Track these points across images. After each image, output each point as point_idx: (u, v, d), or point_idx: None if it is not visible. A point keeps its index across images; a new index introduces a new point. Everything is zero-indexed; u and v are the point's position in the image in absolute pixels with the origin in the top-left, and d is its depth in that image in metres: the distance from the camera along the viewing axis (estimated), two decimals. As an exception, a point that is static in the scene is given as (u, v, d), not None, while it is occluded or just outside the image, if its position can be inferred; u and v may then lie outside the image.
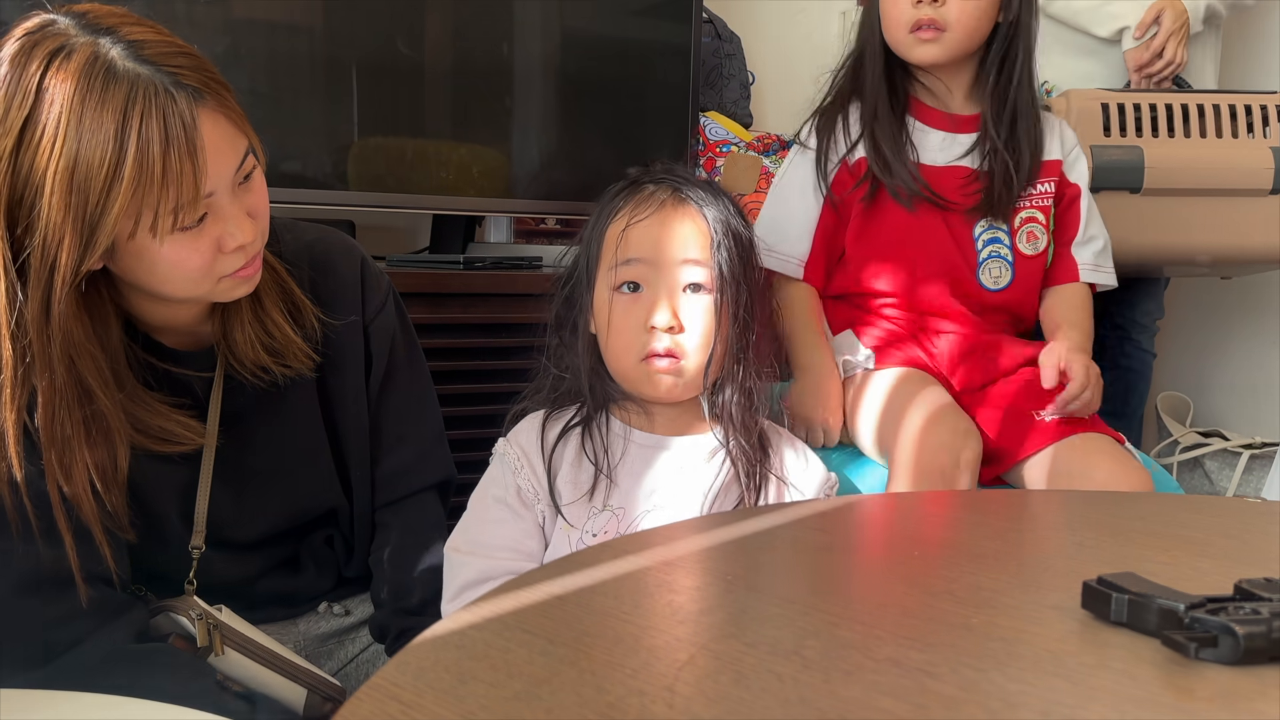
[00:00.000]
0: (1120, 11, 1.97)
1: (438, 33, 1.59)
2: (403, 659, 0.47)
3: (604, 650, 0.49)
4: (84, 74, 0.78)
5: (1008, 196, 1.31)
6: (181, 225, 0.82)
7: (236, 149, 0.85)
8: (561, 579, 0.58)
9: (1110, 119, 1.75)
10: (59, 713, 0.75)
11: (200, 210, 0.83)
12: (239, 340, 0.95)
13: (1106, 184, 1.71)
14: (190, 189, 0.80)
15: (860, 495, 1.21)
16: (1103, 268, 1.39)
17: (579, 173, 1.71)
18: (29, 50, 0.79)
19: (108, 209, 0.78)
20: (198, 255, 0.84)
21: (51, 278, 0.80)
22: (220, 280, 0.88)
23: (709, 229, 0.97)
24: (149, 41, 0.81)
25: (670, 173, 1.02)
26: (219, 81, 0.84)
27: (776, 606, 0.55)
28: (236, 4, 1.47)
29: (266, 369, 0.96)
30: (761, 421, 1.02)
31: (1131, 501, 0.85)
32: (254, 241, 0.88)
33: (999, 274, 1.33)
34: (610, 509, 0.97)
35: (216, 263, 0.86)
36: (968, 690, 0.45)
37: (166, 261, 0.84)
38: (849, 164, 1.32)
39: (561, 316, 1.05)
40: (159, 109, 0.79)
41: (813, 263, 1.35)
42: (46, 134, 0.77)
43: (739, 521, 0.73)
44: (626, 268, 0.97)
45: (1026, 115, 1.31)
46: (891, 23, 1.29)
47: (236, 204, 0.86)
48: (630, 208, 0.98)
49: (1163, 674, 0.47)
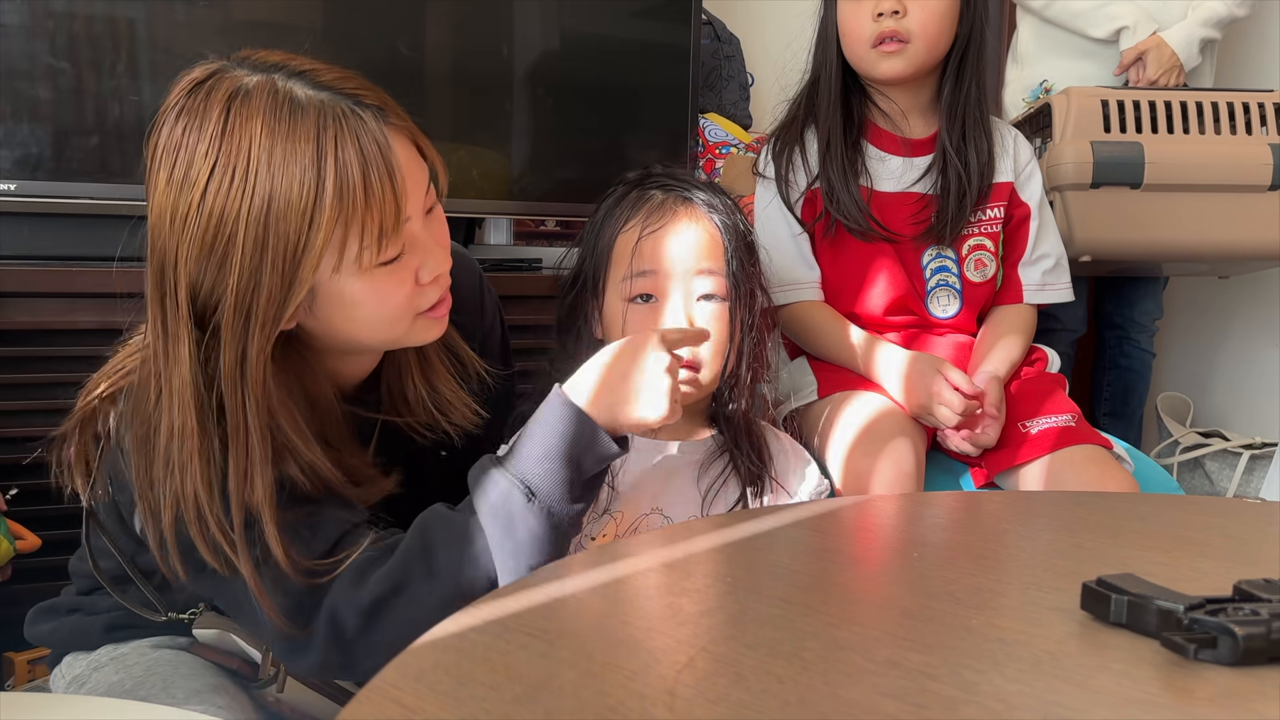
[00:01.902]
0: (1119, 13, 1.98)
1: (437, 34, 1.59)
2: (402, 661, 0.47)
3: (604, 652, 0.49)
4: (268, 108, 0.73)
5: (959, 217, 1.29)
6: (385, 257, 0.77)
7: (424, 170, 0.81)
8: (561, 581, 0.58)
9: (1110, 116, 1.75)
10: (60, 713, 0.75)
11: (402, 239, 0.77)
12: (410, 399, 0.91)
13: (1107, 179, 1.72)
14: (392, 212, 0.75)
15: (859, 497, 1.21)
16: (1051, 285, 1.37)
17: (579, 174, 1.71)
18: (205, 98, 0.74)
19: (311, 243, 0.73)
20: (401, 289, 0.79)
21: (248, 327, 0.74)
22: (416, 319, 0.82)
23: (721, 238, 0.97)
24: (319, 70, 0.77)
25: (675, 178, 1.01)
26: (392, 102, 0.80)
27: (776, 608, 0.55)
28: (236, 6, 1.47)
29: (432, 427, 0.92)
30: (761, 424, 1.02)
31: (1131, 502, 0.85)
32: (446, 274, 0.83)
33: (947, 303, 1.33)
34: (610, 513, 0.97)
35: (414, 298, 0.81)
36: (967, 691, 0.45)
37: (369, 300, 0.78)
38: (810, 193, 1.31)
39: (564, 323, 1.04)
40: (351, 130, 0.74)
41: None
42: (237, 176, 0.72)
43: (738, 523, 0.73)
44: (641, 279, 0.96)
45: (977, 125, 1.30)
46: (852, 39, 1.26)
47: (428, 232, 0.81)
48: (642, 218, 0.97)
49: (1162, 675, 0.47)
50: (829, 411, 1.22)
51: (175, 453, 0.76)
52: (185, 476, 0.75)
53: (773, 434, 1.06)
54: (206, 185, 0.73)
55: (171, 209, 0.74)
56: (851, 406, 1.20)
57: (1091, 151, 1.72)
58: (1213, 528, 0.74)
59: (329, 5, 1.52)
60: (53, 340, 1.29)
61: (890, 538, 0.75)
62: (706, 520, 0.90)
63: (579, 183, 1.69)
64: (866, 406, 1.19)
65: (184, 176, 0.73)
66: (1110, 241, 1.78)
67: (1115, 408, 2.34)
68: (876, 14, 1.23)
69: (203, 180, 0.73)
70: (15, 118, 1.34)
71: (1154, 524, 0.74)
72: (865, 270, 1.31)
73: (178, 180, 0.74)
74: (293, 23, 1.51)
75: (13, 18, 1.33)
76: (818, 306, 1.31)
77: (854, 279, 1.31)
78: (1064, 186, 1.75)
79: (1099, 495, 1.02)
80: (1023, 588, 0.59)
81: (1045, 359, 1.35)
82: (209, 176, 0.73)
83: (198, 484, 0.75)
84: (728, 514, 0.96)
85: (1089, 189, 1.73)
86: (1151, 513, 0.78)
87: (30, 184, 1.35)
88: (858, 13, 1.25)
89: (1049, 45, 2.10)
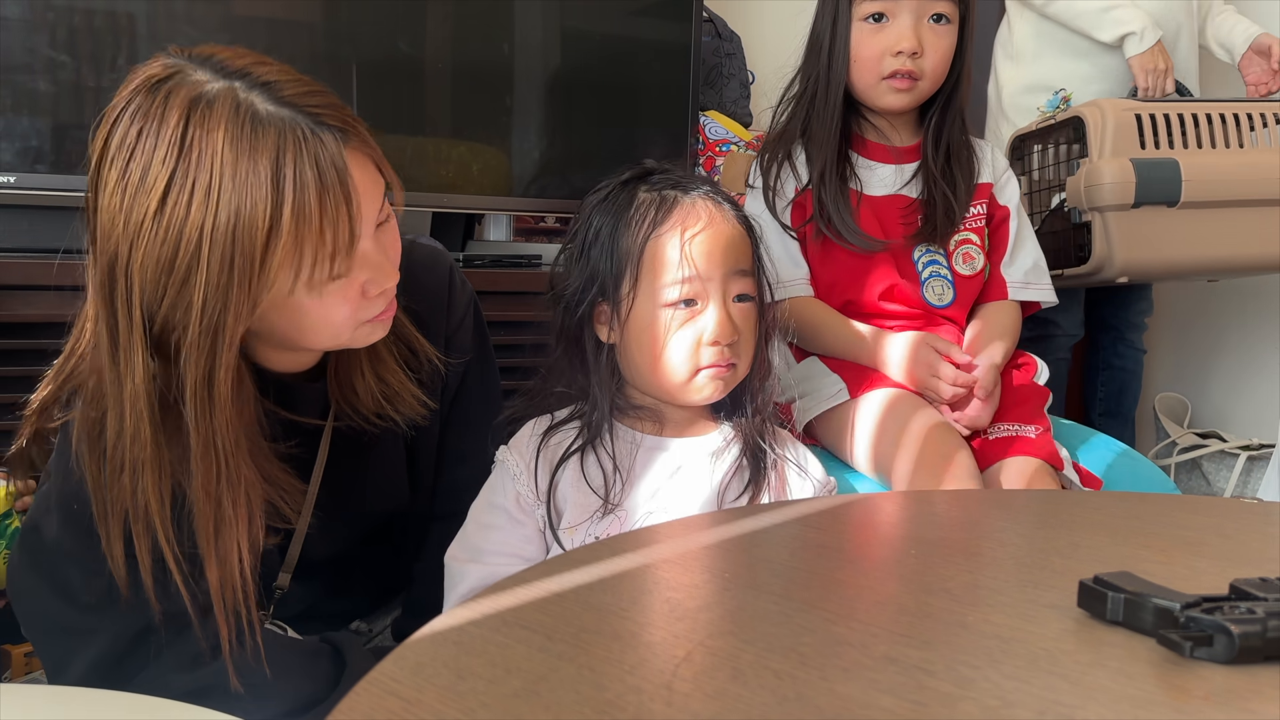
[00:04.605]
0: (1125, 18, 1.96)
1: (437, 30, 1.59)
2: (401, 654, 0.47)
3: (602, 647, 0.49)
4: (230, 123, 0.72)
5: (949, 225, 1.32)
6: (335, 275, 0.77)
7: (379, 188, 0.81)
8: (560, 576, 0.58)
9: (1144, 131, 1.71)
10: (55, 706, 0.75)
11: (354, 257, 0.78)
12: (359, 391, 0.91)
13: (1148, 198, 1.67)
14: (345, 234, 0.76)
15: (858, 494, 1.21)
16: (1034, 284, 1.39)
17: (578, 171, 1.71)
18: (164, 100, 0.73)
19: (268, 263, 0.73)
20: (347, 305, 0.80)
21: (215, 345, 0.74)
22: (360, 327, 0.83)
23: (749, 237, 0.98)
24: (283, 82, 0.76)
25: (684, 175, 1.00)
26: (355, 120, 0.79)
27: (774, 604, 0.55)
28: (237, 2, 1.47)
29: (382, 415, 0.93)
30: (770, 420, 1.03)
31: (1127, 502, 0.85)
32: (393, 287, 0.84)
33: (942, 291, 1.34)
34: (614, 513, 0.97)
35: (360, 310, 0.82)
36: (964, 688, 0.45)
37: (315, 311, 0.79)
38: (800, 197, 1.33)
39: (563, 328, 1.02)
40: (310, 153, 0.74)
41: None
42: (199, 191, 0.72)
43: (737, 519, 0.73)
44: (686, 285, 0.94)
45: (960, 146, 1.34)
46: (864, 68, 1.29)
47: (378, 247, 0.81)
48: (676, 221, 0.95)
49: (1158, 673, 0.47)
50: (870, 418, 1.23)
51: (125, 457, 0.76)
52: (136, 484, 0.76)
53: (776, 429, 1.06)
54: (165, 195, 0.72)
55: (125, 211, 0.73)
56: (892, 414, 1.21)
57: (1134, 170, 1.67)
58: (1209, 527, 0.74)
59: (329, 2, 1.52)
60: (53, 333, 1.28)
61: (888, 535, 0.75)
62: (704, 516, 0.90)
63: (579, 179, 1.69)
64: (917, 421, 1.19)
65: (140, 180, 0.72)
66: (1150, 261, 1.74)
67: (1110, 408, 2.33)
68: (896, 51, 1.25)
69: (159, 187, 0.72)
70: (15, 110, 1.34)
71: (1151, 523, 0.75)
72: (858, 267, 1.32)
73: (133, 183, 0.72)
74: (293, 18, 1.51)
75: (13, 10, 1.33)
76: (810, 302, 1.33)
77: (848, 275, 1.32)
78: (1105, 207, 1.70)
79: (1097, 494, 1.02)
80: (1020, 585, 0.59)
81: (1034, 367, 1.35)
82: (167, 186, 0.72)
83: (149, 495, 0.76)
84: (726, 510, 0.96)
85: (1130, 209, 1.69)
86: (1148, 512, 0.78)
87: (30, 176, 1.35)
88: (875, 44, 1.27)
89: (1049, 44, 2.08)
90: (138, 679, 0.83)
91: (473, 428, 1.06)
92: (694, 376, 0.96)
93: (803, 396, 1.31)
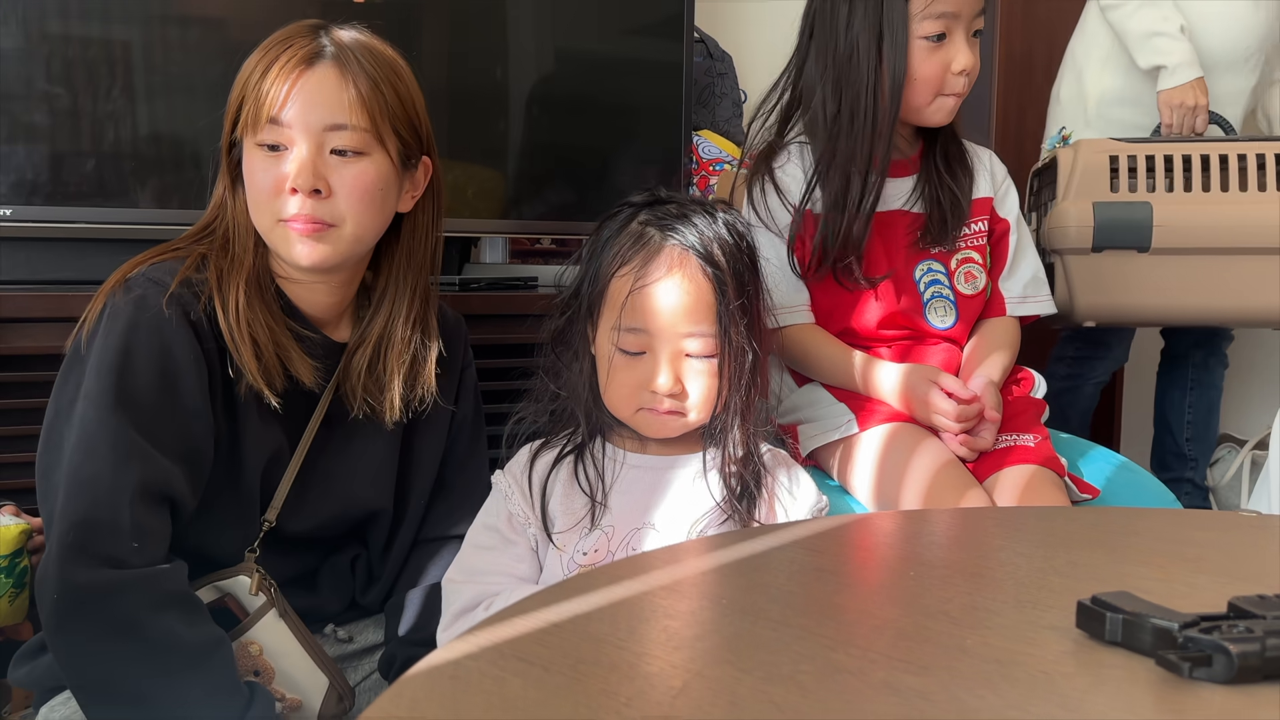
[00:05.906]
0: (1164, 48, 1.89)
1: (431, 53, 1.59)
2: (397, 691, 0.47)
3: (599, 678, 0.49)
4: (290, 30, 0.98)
5: (957, 221, 1.32)
6: (260, 139, 0.94)
7: (335, 113, 0.94)
8: (557, 605, 0.58)
9: (1120, 172, 1.67)
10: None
11: (269, 133, 0.94)
12: (352, 377, 1.04)
13: (1111, 243, 1.63)
14: (266, 103, 0.93)
15: (855, 515, 1.21)
16: (1033, 298, 1.39)
17: (574, 192, 1.71)
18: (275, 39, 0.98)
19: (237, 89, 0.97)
20: (267, 178, 0.94)
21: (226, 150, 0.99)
22: (278, 224, 0.95)
23: (713, 295, 0.95)
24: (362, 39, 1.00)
25: (674, 214, 0.98)
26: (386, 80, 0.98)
27: (772, 630, 0.55)
28: (233, 29, 1.47)
29: (374, 401, 1.05)
30: (758, 447, 1.02)
31: (1125, 517, 0.85)
32: (319, 206, 0.94)
33: (944, 313, 1.33)
34: (600, 528, 0.98)
35: (279, 199, 0.94)
36: (963, 715, 0.45)
37: (251, 173, 0.96)
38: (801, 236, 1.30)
39: (561, 333, 1.04)
40: (303, 41, 0.95)
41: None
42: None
43: (734, 544, 0.73)
44: (630, 335, 0.94)
45: (957, 149, 1.35)
46: (924, 88, 1.25)
47: (315, 155, 0.94)
48: (636, 266, 0.95)
49: (1157, 696, 0.47)
50: (877, 454, 1.21)
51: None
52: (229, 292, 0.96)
53: (770, 451, 1.06)
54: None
55: None
56: (899, 450, 1.20)
57: (1093, 214, 1.63)
58: (1208, 542, 0.74)
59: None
60: (51, 365, 1.28)
61: (886, 556, 0.75)
62: (701, 540, 0.90)
63: (574, 201, 1.70)
64: (926, 459, 1.19)
65: None
66: (1114, 307, 1.69)
67: (1198, 432, 2.19)
68: (958, 70, 1.24)
69: None
70: (11, 142, 1.35)
71: (1148, 539, 0.75)
72: (859, 295, 1.31)
73: None
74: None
75: (8, 41, 1.33)
76: (810, 329, 1.31)
77: (849, 297, 1.31)
78: (1064, 250, 1.66)
79: (1094, 510, 1.02)
80: (1018, 606, 0.59)
81: (1032, 381, 1.35)
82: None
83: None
84: (723, 534, 0.96)
85: (1089, 253, 1.65)
86: (1146, 528, 0.78)
87: (27, 209, 1.35)
88: (935, 63, 1.24)
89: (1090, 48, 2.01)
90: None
91: (469, 460, 1.16)
92: (637, 414, 0.97)
93: (807, 423, 1.30)
